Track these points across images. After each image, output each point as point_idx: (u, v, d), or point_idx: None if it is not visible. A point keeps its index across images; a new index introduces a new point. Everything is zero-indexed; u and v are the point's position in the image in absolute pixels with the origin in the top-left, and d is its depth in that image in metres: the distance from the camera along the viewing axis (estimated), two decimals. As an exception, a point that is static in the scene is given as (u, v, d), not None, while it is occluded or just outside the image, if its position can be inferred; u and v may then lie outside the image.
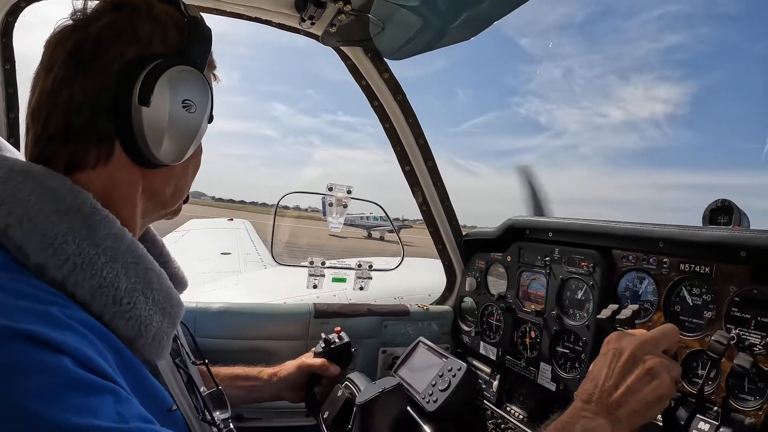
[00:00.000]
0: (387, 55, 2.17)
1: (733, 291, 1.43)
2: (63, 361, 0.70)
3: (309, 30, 2.05)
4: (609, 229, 1.82)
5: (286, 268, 4.76)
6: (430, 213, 2.52)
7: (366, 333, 2.42)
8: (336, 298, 4.11)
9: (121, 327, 0.88)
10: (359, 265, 2.45)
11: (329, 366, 1.91)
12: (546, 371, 2.00)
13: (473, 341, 2.46)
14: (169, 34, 1.02)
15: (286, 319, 2.29)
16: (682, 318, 1.57)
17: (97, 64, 0.94)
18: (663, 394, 1.12)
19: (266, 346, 2.22)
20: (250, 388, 1.86)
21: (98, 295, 0.86)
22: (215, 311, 2.17)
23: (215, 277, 6.25)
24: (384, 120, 2.33)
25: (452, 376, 1.83)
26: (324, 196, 2.32)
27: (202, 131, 1.09)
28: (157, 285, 0.98)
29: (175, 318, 1.02)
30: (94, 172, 0.97)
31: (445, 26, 1.87)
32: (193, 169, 1.20)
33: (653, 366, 1.12)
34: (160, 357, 0.98)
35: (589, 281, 1.85)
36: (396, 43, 2.08)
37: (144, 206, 1.08)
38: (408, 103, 2.27)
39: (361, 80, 2.25)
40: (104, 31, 0.95)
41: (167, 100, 0.97)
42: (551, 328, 1.99)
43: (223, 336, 2.16)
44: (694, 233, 1.55)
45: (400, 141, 2.37)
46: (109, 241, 0.90)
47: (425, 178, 2.43)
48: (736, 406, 1.37)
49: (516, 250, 2.22)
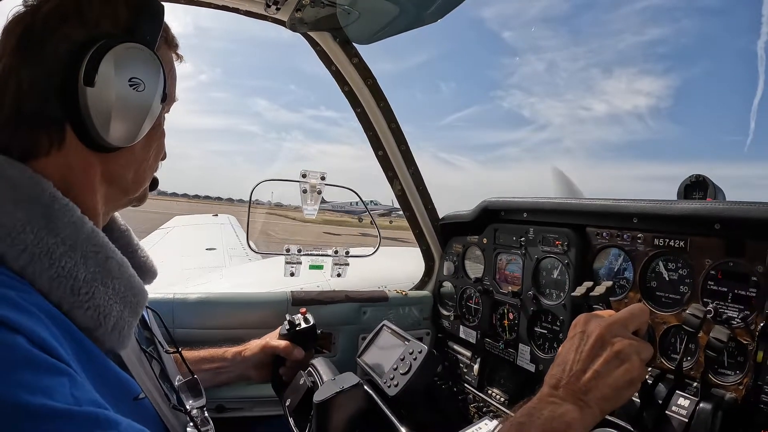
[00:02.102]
0: (355, 40, 2.14)
1: (708, 264, 1.42)
2: (17, 339, 0.70)
3: (275, 16, 2.01)
4: (582, 207, 1.81)
5: (269, 261, 4.73)
6: (406, 198, 2.51)
7: (344, 320, 2.41)
8: (319, 287, 4.09)
9: (80, 317, 0.87)
10: (336, 252, 2.42)
11: (293, 349, 1.89)
12: (525, 352, 1.99)
13: (453, 325, 2.45)
14: (119, 13, 1.00)
15: (263, 308, 2.28)
16: (659, 293, 1.56)
17: (44, 49, 0.93)
18: (633, 378, 1.10)
19: (244, 335, 2.19)
20: (215, 370, 1.85)
21: (56, 285, 0.85)
22: (193, 301, 2.16)
23: (200, 273, 6.21)
24: (355, 105, 2.31)
25: (413, 359, 1.80)
26: (299, 183, 2.28)
27: (155, 110, 1.06)
28: (118, 274, 0.97)
29: (137, 306, 1.00)
30: (49, 159, 0.95)
31: (421, 12, 1.84)
32: (156, 152, 1.17)
33: (622, 348, 1.11)
34: (122, 346, 0.97)
35: (564, 260, 1.84)
36: (366, 29, 2.05)
37: (105, 193, 1.07)
38: (379, 88, 2.24)
39: (330, 66, 2.22)
40: (51, 14, 0.94)
41: (112, 79, 0.95)
42: (528, 309, 1.99)
43: (201, 326, 2.15)
44: (667, 207, 1.53)
45: (372, 126, 2.34)
46: (68, 230, 0.90)
47: (399, 162, 2.42)
48: (716, 381, 1.36)
49: (492, 232, 2.21)
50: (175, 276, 6.11)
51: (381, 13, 1.87)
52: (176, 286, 5.14)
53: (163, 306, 2.04)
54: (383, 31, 2.01)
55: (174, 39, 1.17)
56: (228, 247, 8.72)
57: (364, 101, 2.29)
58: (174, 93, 1.19)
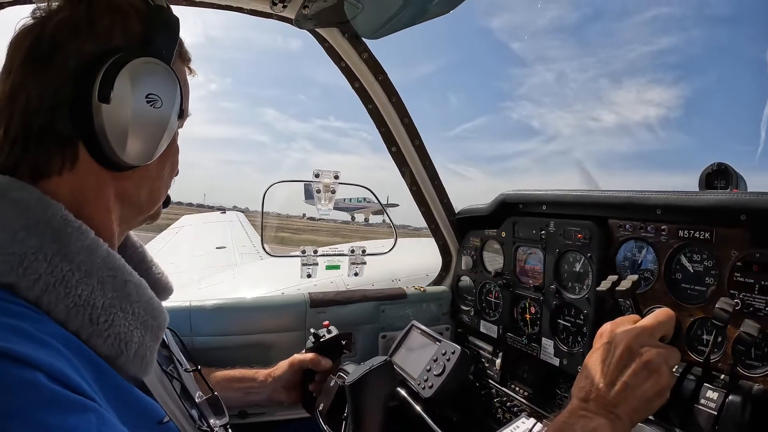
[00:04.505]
0: (365, 35, 2.10)
1: (734, 255, 1.38)
2: (37, 376, 0.65)
3: (281, 14, 1.97)
4: (604, 199, 1.77)
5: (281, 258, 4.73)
6: (421, 193, 2.48)
7: (364, 319, 2.39)
8: (333, 284, 4.08)
9: (100, 346, 0.83)
10: (352, 251, 2.41)
11: (320, 360, 1.88)
12: (548, 347, 1.97)
13: (473, 320, 2.43)
14: (132, 26, 0.96)
15: (281, 311, 2.26)
16: (684, 285, 1.53)
17: (54, 62, 0.89)
18: (662, 387, 1.11)
19: (264, 340, 2.19)
20: (246, 390, 1.84)
21: (73, 314, 0.81)
22: (210, 309, 2.13)
23: (212, 272, 6.23)
24: (366, 101, 2.27)
25: (446, 360, 1.79)
26: (312, 183, 2.26)
27: (172, 127, 1.02)
28: (137, 297, 0.92)
29: (158, 330, 0.96)
30: (61, 179, 0.91)
31: (426, 4, 1.79)
32: (170, 170, 1.13)
33: (651, 359, 1.10)
34: (145, 373, 0.93)
35: (587, 253, 1.81)
36: (374, 23, 2.00)
37: (120, 213, 1.03)
38: (390, 83, 2.20)
39: (340, 62, 2.18)
40: (60, 27, 0.90)
41: (129, 96, 0.91)
42: (551, 303, 1.96)
43: (220, 333, 2.13)
44: (692, 198, 1.50)
45: (384, 122, 2.31)
46: (82, 254, 0.85)
47: (413, 157, 2.38)
48: (743, 373, 1.33)
49: (510, 225, 2.18)
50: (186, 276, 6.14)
51: (386, 4, 1.82)
52: (190, 287, 5.20)
53: (180, 314, 2.03)
54: (391, 23, 1.97)
55: (187, 53, 1.13)
56: (238, 245, 8.75)
57: (375, 97, 2.25)
58: (188, 108, 1.15)
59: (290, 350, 2.17)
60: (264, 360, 2.17)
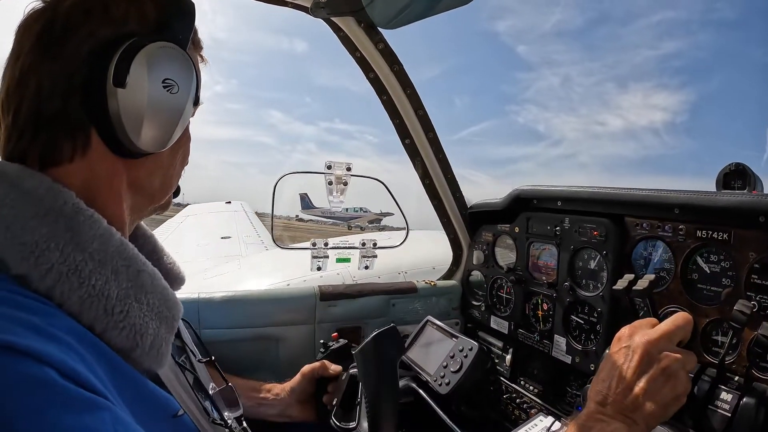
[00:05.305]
0: (381, 25, 2.06)
1: (752, 257, 1.38)
2: (48, 373, 0.62)
3: (297, 2, 1.94)
4: (621, 196, 1.75)
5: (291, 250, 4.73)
6: (433, 185, 2.46)
7: (374, 313, 2.38)
8: (340, 276, 4.08)
9: (115, 338, 0.81)
10: (363, 244, 2.39)
11: (330, 365, 1.88)
12: (561, 344, 1.96)
13: (483, 316, 2.41)
14: (147, 10, 0.93)
15: (291, 304, 2.24)
16: (700, 286, 1.52)
17: (66, 46, 0.86)
18: (680, 393, 1.11)
19: (274, 333, 2.17)
20: (259, 401, 1.81)
21: (87, 305, 0.78)
22: (219, 301, 2.11)
23: (217, 262, 6.24)
24: (381, 92, 2.24)
25: (464, 356, 1.78)
26: (323, 175, 2.24)
27: (187, 114, 1.00)
28: (151, 288, 0.90)
29: (173, 321, 0.94)
30: (72, 166, 0.89)
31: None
32: (182, 157, 1.11)
33: (669, 365, 1.10)
34: (160, 365, 0.91)
35: (602, 250, 1.79)
36: (390, 12, 1.97)
37: (131, 201, 1.01)
38: (405, 74, 2.17)
39: (355, 52, 2.14)
40: (74, 9, 0.87)
41: (145, 81, 0.88)
42: (564, 300, 1.94)
43: (229, 326, 2.10)
44: (711, 198, 1.49)
45: (398, 113, 2.28)
46: (95, 243, 0.82)
47: (426, 150, 2.35)
48: (758, 375, 1.33)
49: (524, 220, 2.16)
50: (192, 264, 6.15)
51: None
52: (195, 277, 5.20)
53: (188, 306, 2.01)
54: (406, 12, 1.94)
55: (200, 41, 1.10)
56: (243, 235, 8.75)
57: (390, 88, 2.21)
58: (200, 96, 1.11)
59: (300, 344, 2.17)
60: (273, 353, 2.17)
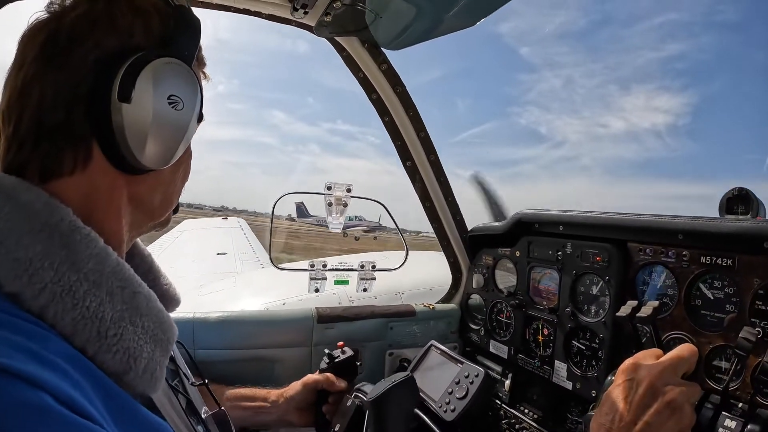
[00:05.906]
0: (384, 45, 2.07)
1: (757, 284, 1.37)
2: (44, 398, 0.59)
3: (302, 21, 1.94)
4: (624, 222, 1.74)
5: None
6: (434, 208, 2.44)
7: (371, 336, 2.34)
8: (336, 296, 4.04)
9: (108, 361, 0.77)
10: (362, 266, 2.36)
11: (335, 380, 1.83)
12: (561, 370, 1.93)
13: (482, 340, 2.38)
14: (153, 25, 0.92)
15: (288, 326, 2.19)
16: (704, 312, 1.51)
17: (72, 56, 0.84)
18: (684, 426, 1.08)
19: (270, 355, 2.13)
20: (256, 409, 1.77)
21: (80, 327, 0.75)
22: (214, 321, 2.06)
23: (212, 279, 6.19)
24: (383, 113, 2.24)
25: (470, 383, 1.75)
26: (323, 196, 2.22)
27: (191, 131, 0.98)
28: (146, 310, 0.86)
29: (167, 344, 0.90)
30: (72, 179, 0.86)
31: (441, 14, 1.77)
32: (183, 174, 1.09)
33: (674, 398, 1.08)
34: (154, 390, 0.87)
35: (605, 276, 1.77)
36: (393, 32, 1.98)
37: (131, 218, 0.98)
38: (408, 95, 2.18)
39: (358, 72, 2.15)
40: (79, 19, 0.86)
41: (151, 96, 0.86)
42: (565, 325, 1.92)
43: (224, 347, 2.06)
44: (715, 225, 1.49)
45: (400, 135, 2.27)
46: (91, 263, 0.80)
47: (427, 172, 2.35)
48: (762, 402, 1.32)
49: (525, 244, 2.14)
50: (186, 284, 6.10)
51: (402, 13, 1.79)
52: (190, 294, 5.16)
53: (183, 326, 1.94)
54: (408, 33, 1.95)
55: (204, 57, 1.09)
56: (239, 252, 8.71)
57: (392, 109, 2.22)
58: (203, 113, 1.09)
59: (296, 366, 2.12)
60: (269, 375, 2.11)
